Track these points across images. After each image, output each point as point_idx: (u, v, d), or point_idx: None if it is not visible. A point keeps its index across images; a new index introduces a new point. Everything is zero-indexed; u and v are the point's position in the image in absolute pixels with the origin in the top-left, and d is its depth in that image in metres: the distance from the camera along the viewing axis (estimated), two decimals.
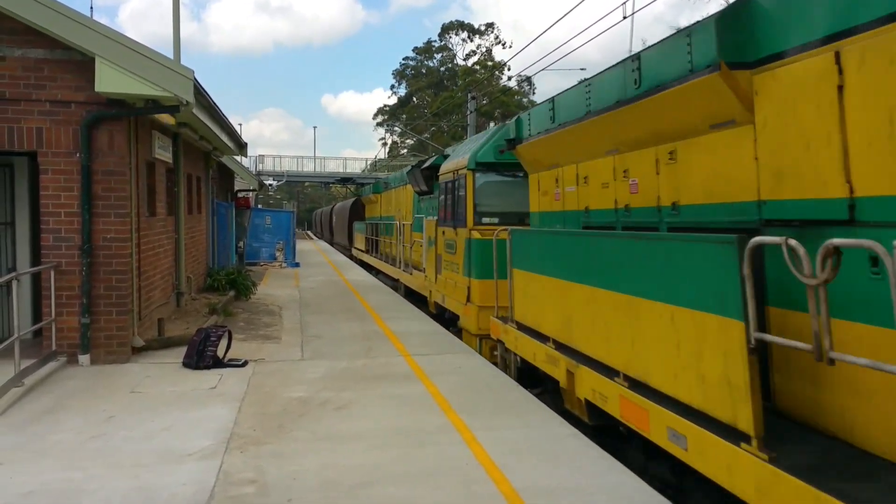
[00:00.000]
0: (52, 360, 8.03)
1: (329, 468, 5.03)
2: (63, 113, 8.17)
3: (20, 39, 8.01)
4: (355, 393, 7.16)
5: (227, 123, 14.11)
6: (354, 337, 10.47)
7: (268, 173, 54.58)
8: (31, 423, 6.07)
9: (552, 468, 5.03)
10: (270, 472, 4.93)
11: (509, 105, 62.29)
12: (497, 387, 7.47)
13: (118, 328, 8.45)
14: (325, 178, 60.80)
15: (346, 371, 8.18)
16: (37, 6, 7.69)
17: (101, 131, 8.28)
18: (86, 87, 8.10)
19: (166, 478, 4.82)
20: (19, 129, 8.07)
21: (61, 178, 8.21)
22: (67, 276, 8.25)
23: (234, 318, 12.24)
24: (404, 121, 72.79)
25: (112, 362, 8.37)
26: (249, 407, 6.62)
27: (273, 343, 10.02)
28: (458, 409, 6.51)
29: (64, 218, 8.24)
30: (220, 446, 5.48)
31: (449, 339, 10.36)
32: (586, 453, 5.37)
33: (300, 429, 5.96)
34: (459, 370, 8.21)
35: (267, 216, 28.04)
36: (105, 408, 6.53)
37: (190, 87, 8.24)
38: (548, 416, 6.36)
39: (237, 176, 24.30)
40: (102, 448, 5.43)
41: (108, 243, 8.38)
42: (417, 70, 77.99)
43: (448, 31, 76.60)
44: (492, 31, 75.76)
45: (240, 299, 14.82)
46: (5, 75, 8.01)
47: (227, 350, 8.62)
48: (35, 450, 5.38)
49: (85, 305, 8.23)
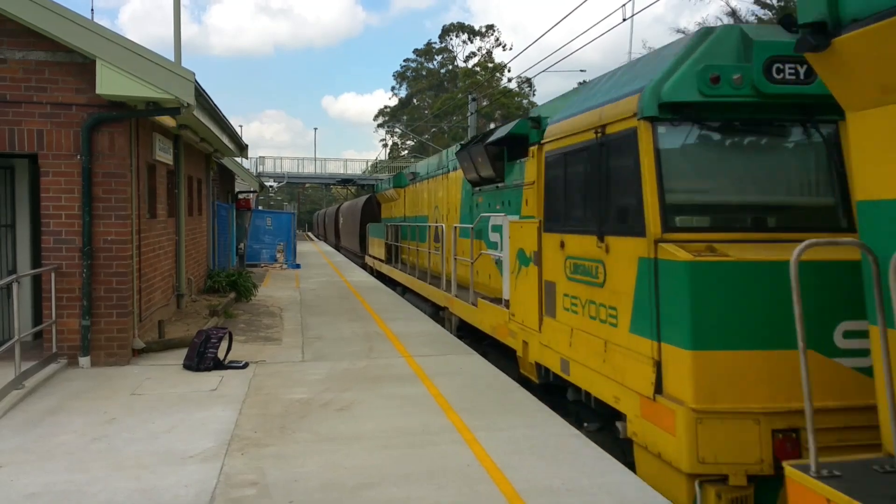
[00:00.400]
0: (53, 363, 8.04)
1: (331, 469, 5.03)
2: (64, 115, 8.17)
3: (21, 42, 8.01)
4: (357, 394, 7.16)
5: (228, 125, 14.12)
6: (355, 338, 10.47)
7: (268, 175, 54.61)
8: (33, 425, 6.07)
9: (554, 468, 5.03)
10: (272, 474, 4.93)
11: (509, 106, 62.35)
12: (498, 387, 7.46)
13: (119, 330, 8.45)
14: (326, 180, 60.90)
15: (348, 372, 8.18)
16: (37, 8, 7.69)
17: (102, 133, 8.29)
18: (86, 90, 8.10)
19: (168, 479, 4.83)
20: (20, 132, 8.07)
21: (62, 180, 8.21)
22: (68, 279, 8.25)
23: (235, 319, 12.24)
24: (405, 122, 72.90)
25: (112, 364, 8.37)
26: (250, 409, 6.62)
27: (274, 344, 10.01)
28: (459, 410, 6.51)
29: (65, 220, 8.24)
30: (221, 448, 5.48)
31: (450, 340, 10.35)
32: (588, 453, 5.37)
33: (301, 430, 5.96)
34: (461, 371, 8.21)
35: (267, 217, 28.07)
36: (106, 410, 6.53)
37: (191, 89, 8.24)
38: (549, 417, 6.36)
39: (238, 177, 24.34)
40: (104, 450, 5.43)
41: (109, 245, 8.38)
42: (418, 72, 78.15)
43: (448, 33, 76.82)
44: (492, 33, 75.98)
45: (240, 301, 14.82)
46: (6, 78, 8.01)
47: (227, 352, 8.62)
48: (37, 452, 5.38)
49: (85, 307, 8.23)
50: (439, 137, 62.59)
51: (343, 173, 60.48)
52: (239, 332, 10.70)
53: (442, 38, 77.17)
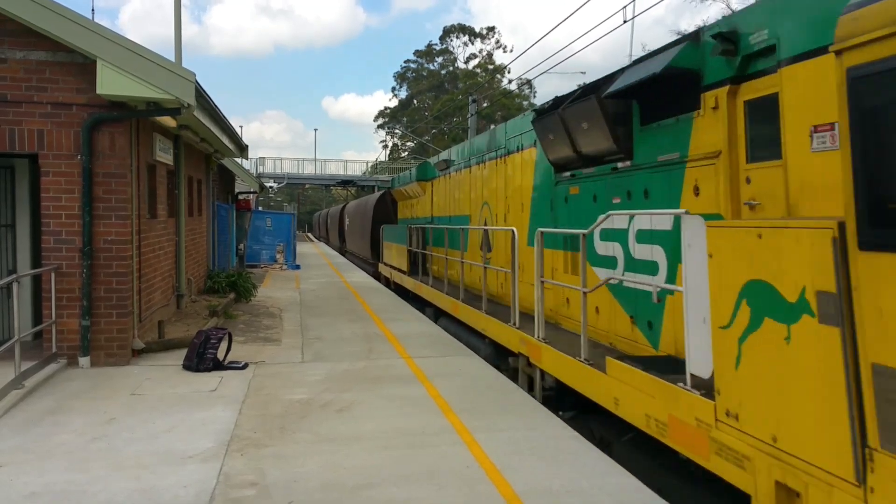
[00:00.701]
0: (53, 363, 8.04)
1: (330, 470, 5.03)
2: (64, 115, 8.18)
3: (22, 42, 8.02)
4: (356, 395, 7.16)
5: (228, 126, 14.12)
6: (355, 339, 10.47)
7: (268, 175, 54.67)
8: (33, 424, 6.07)
9: (553, 470, 5.03)
10: (271, 474, 4.93)
11: (510, 108, 62.39)
12: (498, 388, 7.46)
13: (118, 330, 8.45)
14: (326, 181, 60.92)
15: (347, 373, 8.17)
16: (38, 8, 7.70)
17: (103, 133, 8.29)
18: (87, 90, 8.11)
19: (168, 479, 4.83)
20: (20, 132, 8.08)
21: (62, 180, 8.22)
22: (68, 279, 8.26)
23: (235, 320, 12.24)
24: (405, 123, 72.92)
25: (112, 364, 8.37)
26: (250, 409, 6.62)
27: (273, 345, 10.01)
28: (458, 411, 6.51)
29: (65, 220, 8.25)
30: (220, 448, 5.48)
31: (450, 342, 10.35)
32: (587, 455, 5.37)
33: (301, 431, 5.96)
34: (460, 372, 8.21)
35: (267, 218, 28.09)
36: (106, 410, 6.53)
37: (191, 90, 8.25)
38: (548, 418, 6.36)
39: (238, 178, 24.33)
40: (104, 450, 5.43)
41: (109, 245, 8.38)
42: (418, 73, 78.16)
43: (449, 35, 76.87)
44: (493, 35, 76.04)
45: (240, 301, 14.83)
46: (7, 77, 8.02)
47: (227, 352, 8.62)
48: (37, 451, 5.38)
49: (85, 307, 8.23)
50: (439, 139, 62.61)
51: (343, 174, 60.53)
52: (238, 332, 10.70)
53: (443, 39, 77.27)
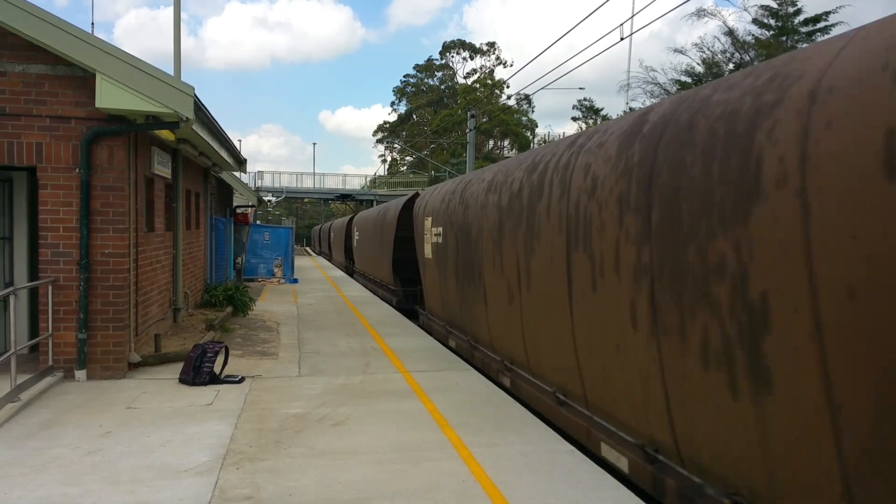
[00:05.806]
0: (49, 376, 8.01)
1: (326, 484, 5.01)
2: (63, 128, 8.21)
3: (21, 55, 8.07)
4: (353, 409, 7.14)
5: (227, 139, 14.16)
6: (352, 353, 10.45)
7: (267, 189, 54.76)
8: (28, 437, 6.04)
9: (549, 485, 5.02)
10: (267, 488, 4.91)
11: (509, 123, 62.65)
12: (494, 403, 7.45)
13: (115, 344, 8.43)
14: (325, 195, 60.95)
15: (344, 387, 8.15)
16: (38, 22, 7.76)
17: (101, 147, 8.32)
18: (86, 103, 8.15)
19: (163, 493, 4.80)
20: (19, 144, 8.10)
21: (60, 193, 8.23)
22: (65, 291, 8.25)
23: (232, 334, 12.22)
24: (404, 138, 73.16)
25: (108, 378, 8.34)
26: (246, 423, 6.60)
27: (270, 359, 9.99)
28: (455, 426, 6.49)
29: (62, 233, 8.25)
30: (216, 462, 5.45)
31: (447, 356, 10.33)
32: (583, 469, 5.35)
33: (297, 445, 5.94)
34: (457, 386, 8.19)
35: (266, 232, 28.06)
36: (101, 423, 6.51)
37: (190, 104, 8.29)
38: (545, 433, 6.35)
39: (236, 191, 24.35)
40: (99, 463, 5.41)
41: (106, 258, 8.39)
42: (418, 87, 78.59)
43: (449, 50, 77.40)
44: (493, 51, 76.51)
45: (237, 315, 14.80)
46: (6, 91, 8.05)
47: (223, 366, 8.59)
48: (32, 464, 5.36)
49: (82, 321, 8.22)
50: (438, 153, 62.81)
51: (342, 188, 60.62)
52: (235, 346, 10.68)
53: (443, 54, 77.80)
